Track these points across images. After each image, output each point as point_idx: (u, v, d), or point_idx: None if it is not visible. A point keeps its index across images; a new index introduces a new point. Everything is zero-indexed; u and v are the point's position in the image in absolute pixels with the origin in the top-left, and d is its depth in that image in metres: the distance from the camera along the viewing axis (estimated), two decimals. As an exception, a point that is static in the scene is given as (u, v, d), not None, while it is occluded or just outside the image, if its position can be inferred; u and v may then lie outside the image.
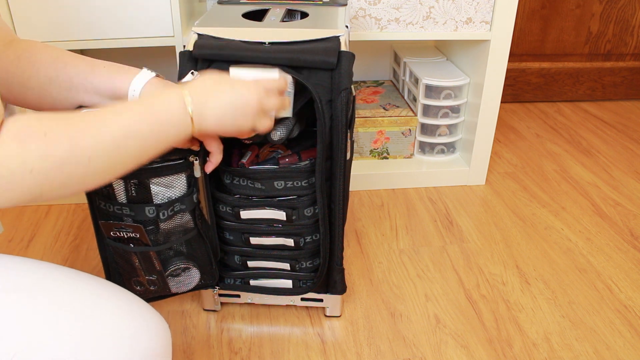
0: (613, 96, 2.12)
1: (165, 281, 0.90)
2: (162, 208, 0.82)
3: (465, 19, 1.30)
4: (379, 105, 1.53)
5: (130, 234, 0.83)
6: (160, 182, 0.82)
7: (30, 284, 0.57)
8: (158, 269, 0.88)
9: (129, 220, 0.82)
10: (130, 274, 0.89)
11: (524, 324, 1.06)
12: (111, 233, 0.84)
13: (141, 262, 0.87)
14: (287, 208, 0.92)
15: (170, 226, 0.86)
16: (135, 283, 0.90)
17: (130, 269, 0.88)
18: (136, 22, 1.23)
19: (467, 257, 1.23)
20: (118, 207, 0.81)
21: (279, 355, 0.98)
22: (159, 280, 0.90)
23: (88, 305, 0.57)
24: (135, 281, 0.90)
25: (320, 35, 0.87)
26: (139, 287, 0.90)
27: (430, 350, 0.99)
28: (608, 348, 1.00)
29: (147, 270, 0.88)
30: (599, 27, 1.98)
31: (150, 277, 0.89)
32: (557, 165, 1.63)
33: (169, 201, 0.83)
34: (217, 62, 0.85)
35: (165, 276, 0.90)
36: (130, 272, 0.88)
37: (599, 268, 1.20)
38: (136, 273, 0.88)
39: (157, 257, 0.87)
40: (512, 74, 2.02)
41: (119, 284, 0.84)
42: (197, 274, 0.94)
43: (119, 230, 0.83)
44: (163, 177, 0.82)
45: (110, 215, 0.82)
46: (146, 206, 0.82)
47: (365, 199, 1.45)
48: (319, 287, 1.01)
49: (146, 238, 0.84)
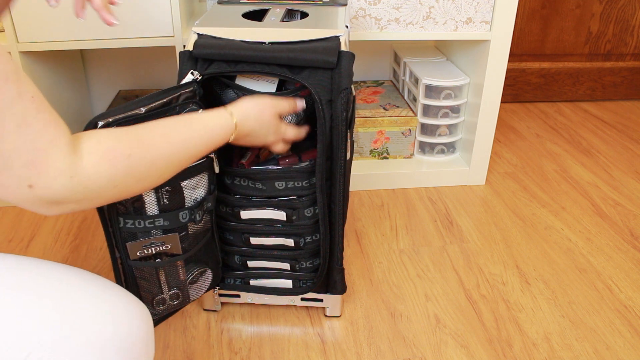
0: (613, 96, 2.12)
1: (187, 290, 0.87)
2: (195, 210, 0.81)
3: (465, 19, 1.30)
4: (379, 105, 1.53)
5: (160, 247, 0.80)
6: (189, 185, 0.81)
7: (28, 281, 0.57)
8: (182, 279, 0.85)
9: (159, 232, 0.79)
10: (154, 294, 0.84)
11: (524, 324, 1.06)
12: (137, 253, 0.79)
13: (167, 276, 0.83)
14: (287, 208, 0.92)
15: (196, 229, 0.84)
16: (157, 303, 0.85)
17: (154, 288, 0.84)
18: (136, 22, 1.23)
19: (467, 257, 1.23)
20: (150, 221, 0.78)
21: (279, 355, 0.98)
22: (181, 292, 0.86)
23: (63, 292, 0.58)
24: (158, 300, 0.85)
25: (320, 35, 0.87)
26: (162, 306, 0.86)
27: (430, 350, 0.99)
28: (608, 348, 1.00)
29: (171, 283, 0.85)
30: (599, 27, 1.98)
31: (172, 290, 0.86)
32: (557, 165, 1.63)
33: (199, 202, 0.82)
34: (217, 62, 0.85)
35: (188, 285, 0.87)
36: (153, 291, 0.84)
37: (599, 268, 1.20)
38: (160, 290, 0.84)
39: (183, 266, 0.84)
40: (512, 74, 2.02)
41: None
42: (210, 275, 0.92)
43: (148, 247, 0.79)
44: (192, 178, 0.81)
45: (138, 232, 0.79)
46: (180, 212, 0.80)
47: (365, 199, 1.44)
48: (319, 287, 1.01)
49: (179, 247, 0.81)
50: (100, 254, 1.22)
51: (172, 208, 0.79)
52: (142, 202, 0.77)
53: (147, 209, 0.78)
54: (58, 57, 1.42)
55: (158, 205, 0.78)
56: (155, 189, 0.78)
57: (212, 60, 0.85)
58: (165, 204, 0.79)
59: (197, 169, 0.81)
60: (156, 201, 0.78)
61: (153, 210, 0.78)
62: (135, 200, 0.77)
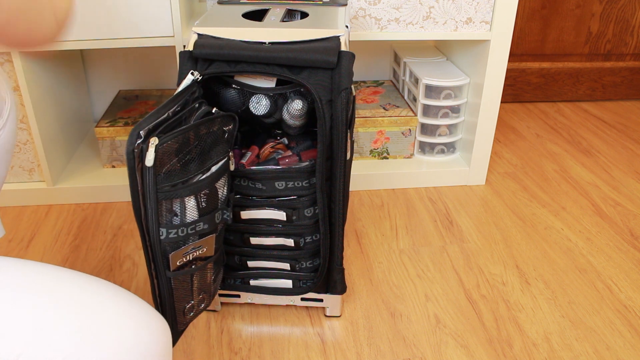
0: (613, 96, 2.12)
1: (212, 292, 0.87)
2: (226, 209, 0.82)
3: (465, 19, 1.30)
4: (379, 105, 1.53)
5: (198, 252, 0.79)
6: (220, 184, 0.81)
7: (30, 282, 0.57)
8: (209, 281, 0.84)
9: (196, 237, 0.78)
10: (185, 302, 0.83)
11: (524, 324, 1.06)
12: (177, 262, 0.78)
13: (199, 281, 0.83)
14: (287, 208, 0.92)
15: (221, 227, 0.85)
16: (187, 311, 0.84)
17: (187, 296, 0.82)
18: (136, 22, 1.23)
19: (467, 257, 1.23)
20: (192, 227, 0.77)
21: (279, 355, 0.98)
22: (208, 295, 0.86)
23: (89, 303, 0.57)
24: (189, 308, 0.84)
25: (320, 35, 0.87)
26: (191, 313, 0.85)
27: (430, 350, 0.99)
28: (608, 348, 1.00)
29: (200, 288, 0.83)
30: (599, 27, 1.98)
31: (200, 295, 0.84)
32: (557, 165, 1.63)
33: (225, 200, 0.83)
34: (217, 62, 0.85)
35: (212, 286, 0.87)
36: (185, 299, 0.83)
37: (599, 268, 1.20)
38: (191, 297, 0.83)
39: (212, 268, 0.84)
40: (512, 74, 2.02)
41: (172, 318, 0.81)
42: (222, 271, 0.93)
43: (188, 254, 0.78)
44: (220, 179, 0.82)
45: (180, 241, 0.77)
46: (215, 212, 0.80)
47: (365, 199, 1.45)
48: (319, 287, 1.01)
49: (212, 248, 0.81)
50: (100, 253, 1.22)
51: (209, 211, 0.80)
52: (184, 209, 0.76)
53: (187, 214, 0.77)
54: (58, 57, 1.42)
55: (197, 210, 0.78)
56: (194, 195, 0.77)
57: (212, 60, 0.85)
58: (203, 207, 0.79)
59: (223, 169, 0.82)
60: (196, 206, 0.77)
61: (194, 215, 0.78)
62: (177, 209, 0.76)
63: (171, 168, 0.73)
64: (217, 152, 0.82)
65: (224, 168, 0.83)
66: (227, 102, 0.90)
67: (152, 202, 0.72)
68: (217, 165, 0.82)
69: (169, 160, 0.72)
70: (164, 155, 0.71)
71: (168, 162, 0.72)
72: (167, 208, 0.75)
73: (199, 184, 0.77)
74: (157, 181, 0.71)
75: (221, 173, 0.82)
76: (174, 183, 0.74)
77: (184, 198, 0.76)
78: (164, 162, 0.72)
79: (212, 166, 0.81)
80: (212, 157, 0.80)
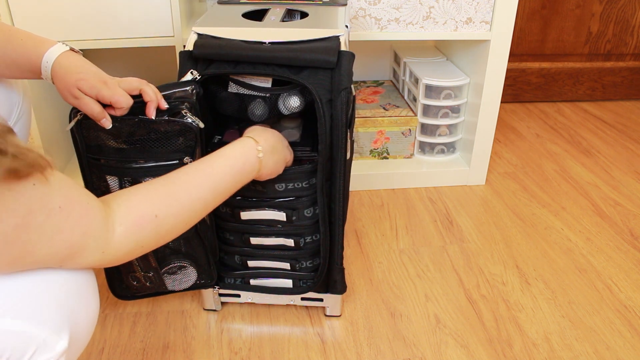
0: (613, 96, 2.12)
1: (162, 278, 0.91)
2: None
3: (465, 19, 1.30)
4: (379, 105, 1.53)
5: None
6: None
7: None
8: (153, 265, 0.89)
9: None
10: (128, 269, 0.90)
11: (524, 324, 1.05)
12: None
13: (138, 259, 0.88)
14: (287, 209, 0.92)
15: None
16: (132, 278, 0.91)
17: (128, 264, 0.89)
18: (136, 22, 1.23)
19: (467, 257, 1.23)
20: None
21: (279, 355, 0.98)
22: (155, 277, 0.91)
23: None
24: (133, 276, 0.91)
25: (320, 35, 0.87)
26: (136, 282, 0.92)
27: (430, 350, 0.99)
28: (608, 348, 1.00)
29: (143, 267, 0.89)
30: (599, 27, 1.98)
31: (147, 273, 0.90)
32: (557, 165, 1.63)
33: None
34: (217, 62, 0.85)
35: (162, 273, 0.91)
36: (127, 267, 0.90)
37: (599, 268, 1.20)
38: (133, 269, 0.89)
39: (152, 255, 0.88)
40: (512, 74, 2.02)
41: (117, 278, 0.91)
42: (195, 273, 0.94)
43: None
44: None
45: None
46: None
47: (365, 199, 1.44)
48: (319, 287, 1.01)
49: None
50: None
51: None
52: (107, 185, 0.83)
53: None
54: (58, 57, 1.42)
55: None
56: (119, 177, 0.83)
57: (212, 60, 0.85)
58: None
59: (165, 171, 0.83)
60: (118, 188, 0.82)
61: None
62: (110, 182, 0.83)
63: (101, 143, 0.80)
64: (163, 153, 0.81)
65: (165, 170, 0.82)
66: (224, 104, 0.90)
67: (84, 160, 0.82)
68: (157, 164, 0.82)
69: (96, 135, 0.79)
70: (90, 130, 0.79)
71: (95, 138, 0.80)
72: (98, 177, 0.83)
73: (126, 170, 0.81)
74: (87, 149, 0.81)
75: (159, 173, 0.82)
76: (104, 158, 0.81)
77: (106, 175, 0.82)
78: (90, 136, 0.80)
79: (152, 162, 0.82)
80: (155, 155, 0.81)
